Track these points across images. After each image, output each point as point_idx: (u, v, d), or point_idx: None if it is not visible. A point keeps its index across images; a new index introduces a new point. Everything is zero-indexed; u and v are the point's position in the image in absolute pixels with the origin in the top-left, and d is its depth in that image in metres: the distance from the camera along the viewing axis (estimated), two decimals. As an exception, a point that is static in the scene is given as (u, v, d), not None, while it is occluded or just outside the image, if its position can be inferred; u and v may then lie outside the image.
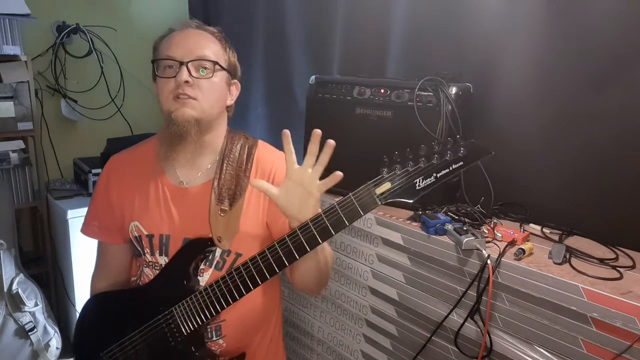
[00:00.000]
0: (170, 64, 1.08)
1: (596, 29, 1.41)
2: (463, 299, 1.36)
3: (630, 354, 1.06)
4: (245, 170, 1.16)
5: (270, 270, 0.99)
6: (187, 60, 1.07)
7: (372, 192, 0.92)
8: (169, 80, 1.07)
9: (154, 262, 1.17)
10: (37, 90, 2.56)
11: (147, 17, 2.98)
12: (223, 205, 1.12)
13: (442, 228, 1.42)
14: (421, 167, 0.90)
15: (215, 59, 1.10)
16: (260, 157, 1.19)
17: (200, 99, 1.08)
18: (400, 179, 0.91)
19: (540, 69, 1.55)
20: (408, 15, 1.89)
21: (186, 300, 1.07)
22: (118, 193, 1.20)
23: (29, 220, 2.75)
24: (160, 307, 1.10)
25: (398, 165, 0.92)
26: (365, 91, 1.70)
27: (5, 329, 2.13)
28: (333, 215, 0.94)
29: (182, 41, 1.10)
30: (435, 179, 0.90)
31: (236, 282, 1.02)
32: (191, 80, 1.06)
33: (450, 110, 1.54)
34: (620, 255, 1.32)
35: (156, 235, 1.15)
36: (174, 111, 1.07)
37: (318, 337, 1.88)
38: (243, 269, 1.01)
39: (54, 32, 2.66)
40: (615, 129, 1.40)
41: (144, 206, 1.17)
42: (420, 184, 0.90)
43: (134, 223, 1.17)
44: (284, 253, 0.97)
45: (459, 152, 0.89)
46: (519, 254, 1.27)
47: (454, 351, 1.41)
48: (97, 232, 1.25)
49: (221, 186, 1.13)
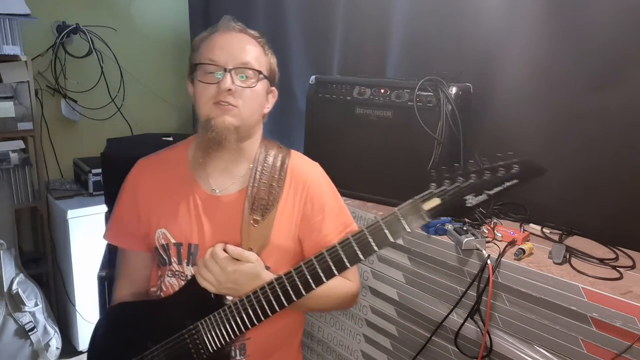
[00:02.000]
0: (211, 69, 1.04)
1: (596, 29, 1.41)
2: (463, 299, 1.36)
3: (630, 354, 1.06)
4: (279, 180, 1.12)
5: (306, 286, 0.95)
6: (231, 67, 1.03)
7: (420, 208, 0.88)
8: (210, 86, 1.04)
9: (180, 272, 1.12)
10: (37, 90, 2.57)
11: (147, 17, 2.99)
12: (255, 215, 1.08)
13: (442, 228, 1.42)
14: (473, 183, 0.86)
15: (258, 67, 1.07)
16: (294, 167, 1.15)
17: (241, 107, 1.04)
18: (451, 195, 0.87)
19: (540, 69, 1.55)
20: (408, 15, 1.89)
21: (213, 315, 1.03)
22: (145, 198, 1.15)
23: (29, 220, 2.75)
24: (185, 320, 1.05)
25: (447, 181, 0.87)
26: (365, 91, 1.69)
27: (5, 329, 2.13)
28: (376, 230, 0.90)
29: (226, 45, 1.06)
30: (488, 196, 0.85)
31: (269, 298, 0.98)
32: (234, 88, 1.03)
33: (450, 110, 1.54)
34: (620, 255, 1.31)
35: (185, 244, 1.11)
36: (214, 118, 1.03)
37: (318, 337, 1.88)
38: (277, 284, 0.97)
39: (54, 32, 2.66)
40: (615, 128, 1.40)
41: (173, 213, 1.12)
42: (471, 201, 0.86)
43: (161, 230, 1.12)
44: (322, 269, 0.93)
45: (511, 168, 0.85)
46: (519, 254, 1.27)
47: (454, 351, 1.41)
48: (122, 239, 1.20)
49: (254, 195, 1.09)
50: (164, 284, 1.15)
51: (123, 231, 1.19)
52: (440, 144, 1.55)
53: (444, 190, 0.87)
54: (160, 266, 1.16)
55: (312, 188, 1.13)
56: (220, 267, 1.00)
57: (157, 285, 1.18)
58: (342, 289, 1.15)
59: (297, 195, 1.12)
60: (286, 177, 1.13)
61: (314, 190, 1.13)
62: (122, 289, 1.21)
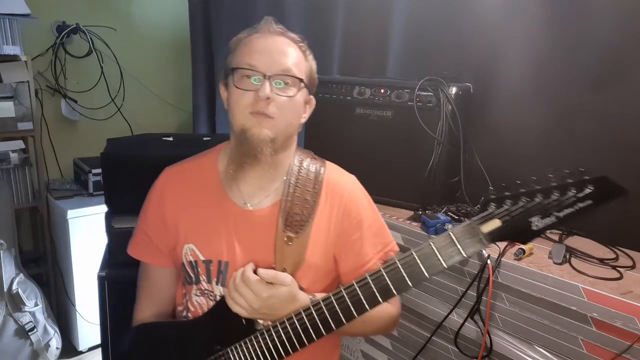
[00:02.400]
0: (249, 74, 0.96)
1: (596, 29, 1.41)
2: (463, 299, 1.36)
3: (630, 354, 1.06)
4: (314, 193, 1.03)
5: (347, 315, 0.87)
6: (271, 73, 0.95)
7: (478, 231, 0.79)
8: (246, 93, 0.95)
9: (209, 291, 1.04)
10: (37, 90, 2.56)
11: (147, 17, 2.98)
12: (290, 232, 1.00)
13: (442, 228, 1.42)
14: (539, 204, 0.76)
15: (299, 75, 0.99)
16: (329, 179, 1.06)
17: (278, 118, 0.96)
18: (513, 217, 0.78)
19: (540, 68, 1.55)
20: (408, 15, 1.89)
21: (246, 341, 0.96)
22: (173, 210, 1.07)
23: (29, 220, 2.75)
24: (215, 345, 0.98)
25: (509, 201, 0.78)
26: (365, 91, 1.70)
27: (5, 329, 2.13)
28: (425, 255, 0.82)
29: (266, 49, 0.97)
30: (557, 219, 0.76)
31: (305, 326, 0.90)
32: (272, 96, 0.94)
33: (450, 110, 1.54)
34: (620, 255, 1.32)
35: (214, 262, 1.02)
36: (250, 129, 0.95)
37: (318, 337, 1.88)
38: (314, 311, 0.90)
39: (54, 32, 2.66)
40: (615, 128, 1.40)
41: (202, 228, 1.04)
42: (537, 224, 0.77)
43: (188, 246, 1.04)
44: (365, 297, 0.86)
45: (584, 187, 0.75)
46: (519, 254, 1.27)
47: (454, 351, 1.41)
48: (146, 253, 1.11)
49: (288, 210, 1.01)
50: (191, 304, 1.07)
51: (148, 245, 1.10)
52: (440, 144, 1.55)
53: (506, 210, 0.78)
54: (186, 285, 1.08)
55: (349, 202, 1.05)
56: (253, 293, 0.92)
57: (183, 304, 1.11)
58: (383, 313, 1.05)
59: (333, 210, 1.04)
60: (321, 190, 1.04)
61: (352, 205, 1.05)
62: (144, 310, 1.12)
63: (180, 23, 3.07)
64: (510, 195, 0.78)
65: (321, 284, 1.01)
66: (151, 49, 3.01)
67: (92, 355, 2.55)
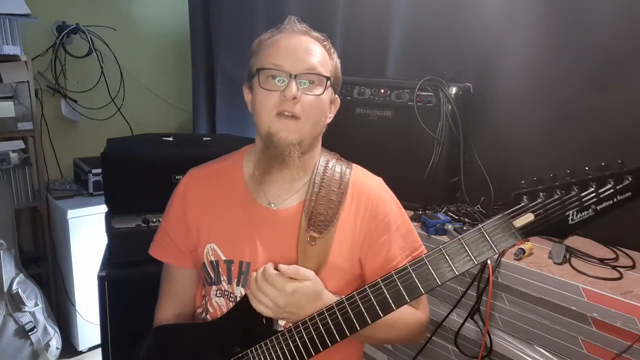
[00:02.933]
0: (274, 74, 0.94)
1: (596, 28, 1.41)
2: (463, 299, 1.36)
3: (630, 354, 1.06)
4: (339, 194, 1.01)
5: (372, 314, 0.85)
6: (297, 72, 0.93)
7: (510, 226, 0.76)
8: (272, 94, 0.93)
9: (230, 292, 1.03)
10: (37, 90, 2.57)
11: (147, 17, 2.99)
12: (313, 232, 0.98)
13: (442, 228, 1.42)
14: (577, 197, 0.73)
15: (326, 73, 0.97)
16: (356, 180, 1.04)
17: (304, 119, 0.94)
18: (548, 211, 0.74)
19: (540, 68, 1.55)
20: (408, 15, 1.89)
21: (266, 342, 0.94)
22: (195, 211, 1.06)
23: (29, 220, 2.75)
24: (236, 346, 0.96)
25: (543, 193, 0.74)
26: (365, 91, 1.70)
27: (5, 329, 2.13)
28: (455, 251, 0.80)
29: (291, 48, 0.96)
30: (595, 212, 0.73)
31: (328, 326, 0.88)
32: (299, 95, 0.93)
33: (450, 110, 1.54)
34: (620, 255, 1.31)
35: (236, 262, 1.01)
36: (277, 132, 0.93)
37: (318, 337, 1.88)
38: (337, 310, 0.88)
39: (54, 32, 2.66)
40: (615, 128, 1.40)
41: (224, 227, 1.03)
42: (573, 217, 0.73)
43: (210, 245, 1.04)
44: (391, 295, 0.83)
45: (623, 179, 0.72)
46: (519, 254, 1.26)
47: (454, 351, 1.41)
48: (168, 254, 1.10)
49: (312, 209, 0.99)
50: (210, 305, 1.06)
51: (169, 245, 1.10)
52: (440, 144, 1.55)
53: (540, 203, 0.74)
54: (206, 285, 1.08)
55: (376, 204, 1.02)
56: (276, 289, 0.90)
57: (202, 306, 1.10)
58: (410, 319, 1.02)
59: (359, 212, 1.02)
60: (347, 190, 1.02)
61: (379, 207, 1.02)
62: (165, 310, 1.11)
63: (180, 23, 3.07)
64: (544, 188, 0.74)
65: (347, 288, 0.98)
66: (151, 49, 3.01)
67: (92, 355, 2.55)
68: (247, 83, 1.02)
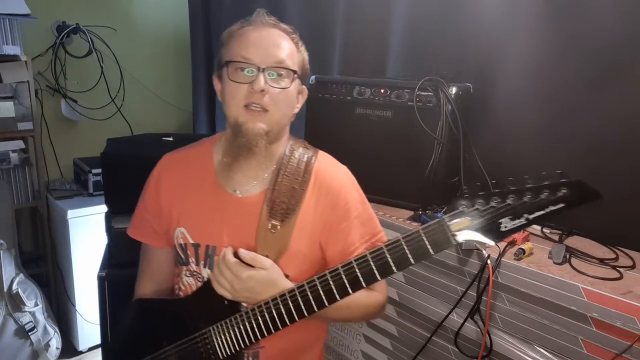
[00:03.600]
0: (243, 66, 0.98)
1: (596, 28, 1.41)
2: (463, 299, 1.36)
3: (630, 354, 1.06)
4: (302, 183, 1.05)
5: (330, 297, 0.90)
6: (265, 65, 0.97)
7: (447, 229, 0.80)
8: (241, 86, 0.97)
9: (197, 273, 1.09)
10: (37, 90, 2.57)
11: (147, 17, 2.99)
12: (274, 220, 1.02)
13: (442, 228, 1.42)
14: (510, 205, 0.76)
15: (292, 67, 1.01)
16: (319, 169, 1.08)
17: (272, 110, 0.98)
18: (483, 217, 0.77)
19: (540, 68, 1.55)
20: (408, 15, 1.89)
21: (226, 321, 1.00)
22: (168, 194, 1.12)
23: (29, 220, 2.75)
24: (199, 324, 1.03)
25: (481, 200, 0.78)
26: (365, 91, 1.69)
27: (5, 329, 2.13)
28: (396, 250, 0.84)
29: (260, 42, 0.99)
30: (527, 221, 0.76)
31: (288, 307, 0.93)
32: (267, 88, 0.96)
33: (450, 110, 1.54)
34: (620, 255, 1.32)
35: (202, 246, 1.07)
36: (245, 123, 0.98)
37: (318, 337, 1.88)
38: (298, 293, 0.93)
39: (54, 32, 2.66)
40: (615, 128, 1.40)
41: (193, 213, 1.09)
42: (506, 225, 0.77)
43: (180, 229, 1.10)
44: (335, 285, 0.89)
45: (558, 191, 0.75)
46: (519, 254, 1.27)
47: (454, 351, 1.41)
48: (144, 234, 1.17)
49: (274, 199, 1.03)
50: (182, 284, 1.13)
51: (145, 226, 1.16)
52: (440, 144, 1.55)
53: (476, 210, 0.78)
54: (178, 265, 1.14)
55: (338, 192, 1.06)
56: (232, 274, 0.96)
57: (177, 283, 1.16)
58: (367, 300, 1.07)
59: (320, 199, 1.06)
60: (310, 179, 1.06)
61: (340, 194, 1.06)
62: (144, 287, 1.19)
63: (180, 23, 3.07)
64: (483, 195, 0.78)
65: (308, 274, 1.01)
66: (151, 49, 3.01)
67: (92, 355, 2.55)
68: (217, 72, 1.06)
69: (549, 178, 0.75)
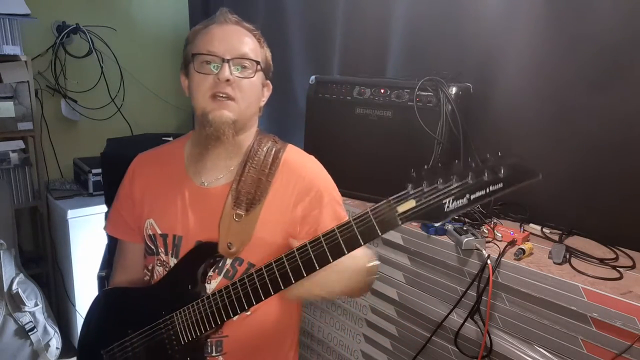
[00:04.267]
0: (209, 59, 1.03)
1: (596, 29, 1.41)
2: (463, 299, 1.36)
3: (630, 354, 1.06)
4: (269, 174, 1.09)
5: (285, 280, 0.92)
6: (230, 57, 1.02)
7: (393, 210, 0.82)
8: (207, 77, 1.02)
9: (166, 262, 1.12)
10: (37, 90, 2.57)
11: (147, 17, 2.99)
12: (239, 210, 1.06)
13: (442, 228, 1.42)
14: (453, 187, 0.79)
15: (256, 58, 1.06)
16: (288, 160, 1.12)
17: (238, 100, 1.03)
18: (427, 198, 0.80)
19: (540, 68, 1.55)
20: (408, 15, 1.89)
21: (188, 307, 1.03)
22: (140, 189, 1.17)
23: (29, 220, 2.75)
24: (162, 310, 1.06)
25: (426, 182, 0.80)
26: (365, 91, 1.69)
27: (5, 329, 2.13)
28: (347, 232, 0.86)
29: (224, 36, 1.05)
30: (469, 201, 0.78)
31: (246, 290, 0.95)
32: (232, 78, 1.01)
33: (450, 110, 1.54)
34: (620, 255, 1.32)
35: (170, 236, 1.11)
36: (211, 112, 1.02)
37: (318, 337, 1.88)
38: (256, 276, 0.94)
39: (54, 32, 2.66)
40: (615, 128, 1.40)
41: (162, 205, 1.13)
42: (449, 205, 0.79)
43: (149, 221, 1.14)
44: (291, 268, 0.91)
45: (499, 171, 0.78)
46: (519, 254, 1.27)
47: (454, 351, 1.41)
48: (118, 230, 1.23)
49: (240, 189, 1.07)
50: (153, 274, 1.16)
51: (120, 222, 1.21)
52: (440, 144, 1.55)
53: (420, 191, 0.81)
54: (147, 256, 1.17)
55: (309, 180, 1.10)
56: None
57: (147, 275, 1.20)
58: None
59: (288, 189, 1.09)
60: (277, 171, 1.10)
61: (311, 183, 1.10)
62: (118, 280, 1.24)
63: (180, 23, 3.07)
64: (428, 177, 0.81)
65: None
66: (151, 49, 3.01)
67: (92, 355, 2.55)
68: (184, 70, 1.11)
69: (490, 160, 0.79)
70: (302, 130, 1.89)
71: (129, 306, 1.15)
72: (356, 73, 1.97)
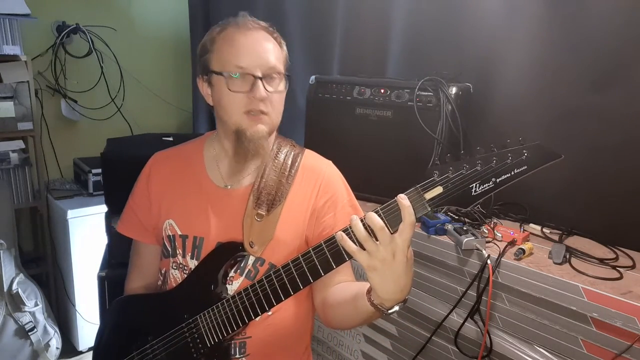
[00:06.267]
0: (240, 76, 1.02)
1: (596, 30, 1.41)
2: (463, 299, 1.36)
3: (630, 354, 1.07)
4: (289, 176, 1.11)
5: (303, 280, 0.91)
6: (262, 74, 1.02)
7: (422, 197, 0.82)
8: (239, 94, 1.02)
9: (184, 265, 1.11)
10: (37, 90, 2.56)
11: (147, 17, 2.99)
12: (260, 210, 1.07)
13: (442, 228, 1.42)
14: (478, 171, 0.81)
15: (283, 69, 1.07)
16: (306, 164, 1.14)
17: (271, 113, 1.05)
18: (454, 183, 0.81)
19: (540, 68, 1.55)
20: (408, 15, 1.89)
21: (212, 308, 1.01)
22: (158, 189, 1.16)
23: (29, 220, 2.75)
24: (184, 314, 1.05)
25: (451, 168, 0.82)
26: (365, 91, 1.70)
27: (5, 329, 2.13)
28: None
29: (251, 48, 1.04)
30: (495, 184, 0.80)
31: (266, 291, 0.94)
32: (267, 95, 1.02)
33: (450, 110, 1.54)
34: (620, 255, 1.32)
35: (190, 237, 1.10)
36: (248, 128, 1.03)
37: (318, 337, 1.88)
38: (274, 276, 0.94)
39: (54, 32, 2.66)
40: (615, 128, 1.40)
41: (182, 205, 1.13)
42: (476, 189, 0.81)
43: (168, 221, 1.13)
44: (319, 261, 0.88)
45: (522, 155, 0.80)
46: (519, 254, 1.27)
47: (454, 351, 1.41)
48: (133, 230, 1.21)
49: (261, 190, 1.08)
50: (168, 277, 1.14)
51: (133, 222, 1.20)
52: (440, 143, 1.55)
53: (446, 177, 0.81)
54: (163, 258, 1.16)
55: (324, 185, 1.11)
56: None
57: (161, 279, 1.18)
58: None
59: (307, 192, 1.10)
60: (297, 174, 1.11)
61: (327, 187, 1.11)
62: (133, 282, 1.22)
63: (180, 23, 3.07)
64: (453, 164, 0.83)
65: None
66: (151, 49, 3.01)
67: (92, 355, 2.55)
68: (204, 77, 1.11)
69: (512, 145, 0.82)
70: (302, 130, 1.89)
71: (148, 312, 1.13)
72: (356, 73, 1.97)
